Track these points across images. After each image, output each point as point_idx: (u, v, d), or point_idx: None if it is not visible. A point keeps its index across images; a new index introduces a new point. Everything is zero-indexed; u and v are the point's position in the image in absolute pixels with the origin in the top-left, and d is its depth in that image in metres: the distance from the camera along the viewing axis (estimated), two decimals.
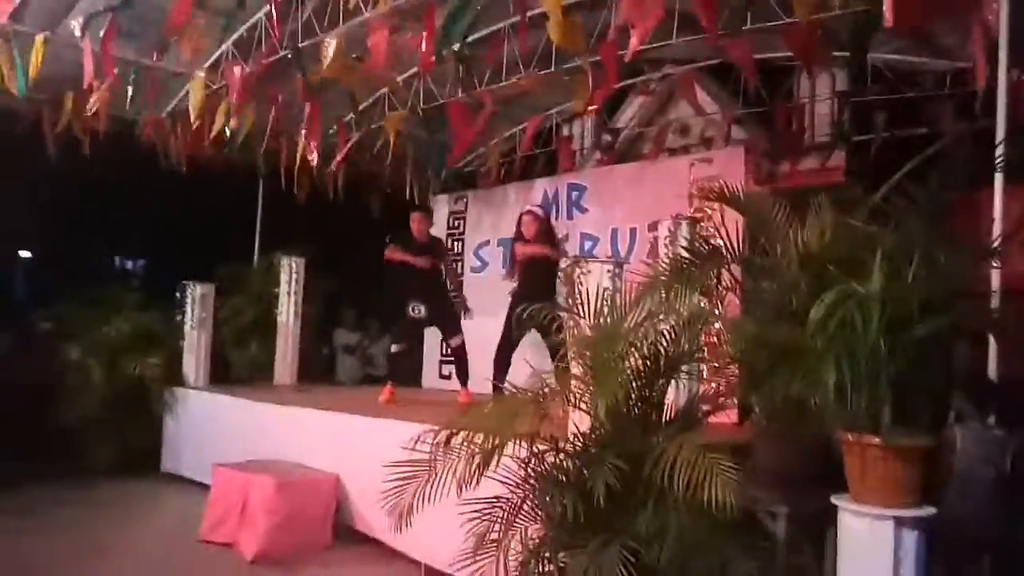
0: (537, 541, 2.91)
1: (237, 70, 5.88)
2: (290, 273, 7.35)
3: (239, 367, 7.60)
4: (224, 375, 7.31)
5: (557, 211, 6.96)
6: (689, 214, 5.42)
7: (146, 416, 6.70)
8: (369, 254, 7.17)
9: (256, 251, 8.58)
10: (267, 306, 7.51)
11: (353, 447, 4.95)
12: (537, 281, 5.42)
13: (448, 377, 7.44)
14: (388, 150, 6.59)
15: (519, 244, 5.64)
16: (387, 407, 5.57)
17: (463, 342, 6.07)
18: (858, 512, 2.74)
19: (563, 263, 5.78)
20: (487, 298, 7.01)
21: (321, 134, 6.26)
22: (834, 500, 2.83)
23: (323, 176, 7.61)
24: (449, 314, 6.07)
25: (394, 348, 6.15)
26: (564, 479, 2.92)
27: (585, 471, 2.82)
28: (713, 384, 3.20)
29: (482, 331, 6.52)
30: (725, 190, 3.37)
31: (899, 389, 2.72)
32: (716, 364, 3.15)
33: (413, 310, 5.93)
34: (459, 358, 6.09)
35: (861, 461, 2.74)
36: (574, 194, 6.98)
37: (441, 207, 8.03)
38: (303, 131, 6.23)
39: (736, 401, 3.18)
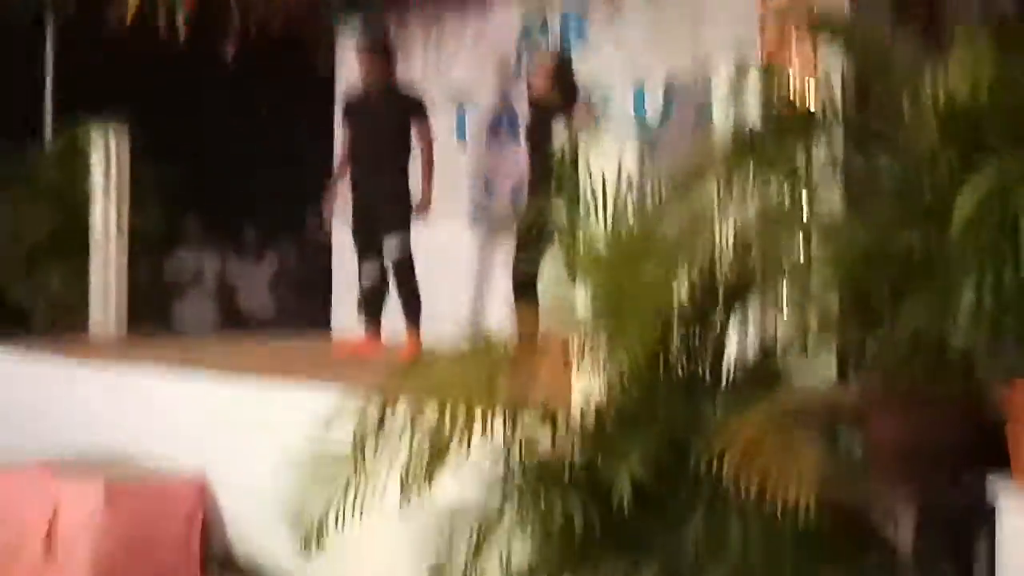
0: (526, 569, 2.97)
1: None
2: (107, 155, 7.21)
3: (34, 310, 7.60)
4: (10, 322, 7.28)
5: (545, 48, 6.86)
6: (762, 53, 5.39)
7: None
8: (231, 122, 7.04)
9: (48, 120, 8.39)
10: (72, 212, 7.44)
11: (229, 430, 4.97)
12: None
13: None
14: None
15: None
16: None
17: (409, 254, 6.21)
18: None
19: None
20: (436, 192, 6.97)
21: None
22: (989, 486, 2.88)
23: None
24: (397, 203, 6.27)
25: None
26: (568, 476, 2.96)
27: (600, 463, 2.87)
28: (800, 321, 3.23)
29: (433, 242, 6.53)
30: (819, 11, 3.33)
31: None
32: (805, 290, 3.18)
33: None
34: (398, 277, 6.24)
35: None
36: (571, 20, 6.91)
37: (346, 44, 7.86)
38: None
39: (835, 347, 3.22)
